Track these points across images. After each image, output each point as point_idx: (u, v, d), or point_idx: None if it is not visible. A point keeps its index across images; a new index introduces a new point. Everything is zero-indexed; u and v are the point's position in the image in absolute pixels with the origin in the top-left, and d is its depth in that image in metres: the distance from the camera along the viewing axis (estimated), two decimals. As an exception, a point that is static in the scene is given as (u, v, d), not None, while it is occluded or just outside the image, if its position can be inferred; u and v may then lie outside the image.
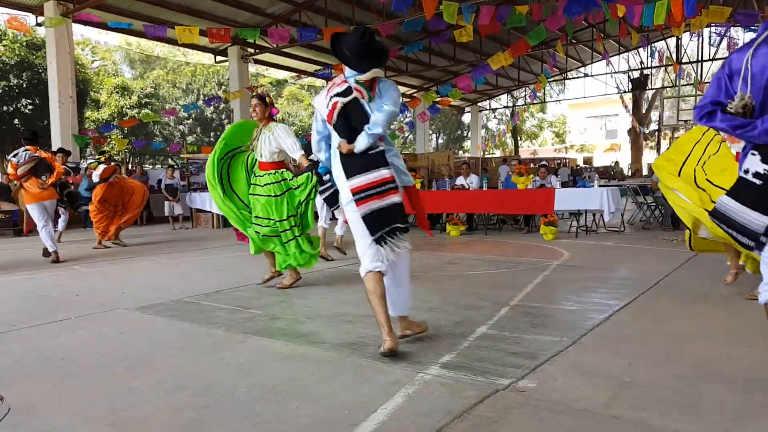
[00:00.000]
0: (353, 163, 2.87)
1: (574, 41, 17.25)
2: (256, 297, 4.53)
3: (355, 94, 2.90)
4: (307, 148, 4.15)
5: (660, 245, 7.42)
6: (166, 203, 12.82)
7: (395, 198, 2.86)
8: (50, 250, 6.98)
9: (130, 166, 19.08)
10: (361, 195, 2.84)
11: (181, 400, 2.38)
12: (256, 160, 4.78)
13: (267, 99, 4.75)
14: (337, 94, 2.92)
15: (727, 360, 2.77)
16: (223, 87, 26.49)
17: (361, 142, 2.84)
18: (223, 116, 27.88)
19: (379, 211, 2.84)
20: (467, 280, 5.16)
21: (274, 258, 4.84)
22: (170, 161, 24.41)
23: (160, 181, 13.45)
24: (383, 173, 2.84)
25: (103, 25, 12.10)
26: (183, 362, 2.91)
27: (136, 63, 30.98)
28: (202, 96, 27.61)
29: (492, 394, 2.36)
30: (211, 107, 27.19)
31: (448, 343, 3.13)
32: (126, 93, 23.64)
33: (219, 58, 17.13)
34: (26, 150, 6.85)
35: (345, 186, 2.93)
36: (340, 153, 2.92)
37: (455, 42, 16.36)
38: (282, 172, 4.71)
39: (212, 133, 28.42)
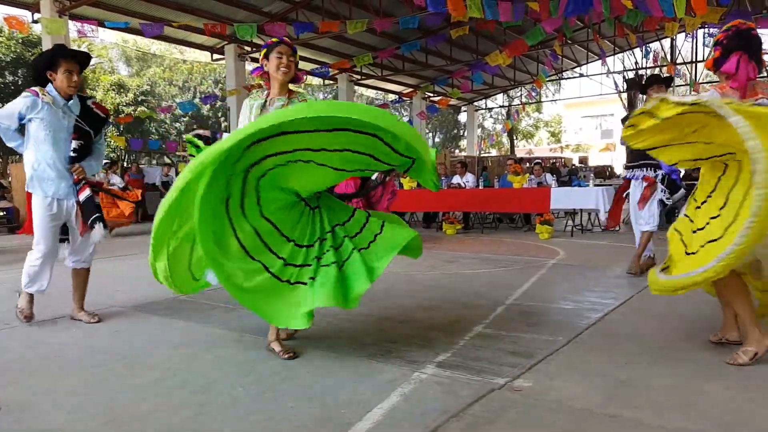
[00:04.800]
0: None
1: (569, 41, 17.27)
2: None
3: None
4: None
5: (655, 245, 7.43)
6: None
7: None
8: None
9: (125, 164, 19.03)
10: None
11: (179, 398, 2.38)
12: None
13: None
14: None
15: (722, 358, 2.78)
16: (220, 85, 26.43)
17: None
18: (220, 114, 27.81)
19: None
20: (463, 279, 5.17)
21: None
22: (166, 159, 24.36)
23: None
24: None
25: (100, 24, 12.02)
26: (180, 360, 2.91)
27: (132, 60, 30.88)
28: (198, 94, 27.53)
29: (488, 393, 2.37)
30: (208, 105, 27.12)
31: (445, 342, 3.13)
32: (122, 90, 23.56)
33: (216, 56, 17.09)
34: None
35: None
36: None
37: (452, 41, 16.38)
38: None
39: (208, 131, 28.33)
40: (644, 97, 5.32)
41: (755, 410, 2.18)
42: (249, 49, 16.17)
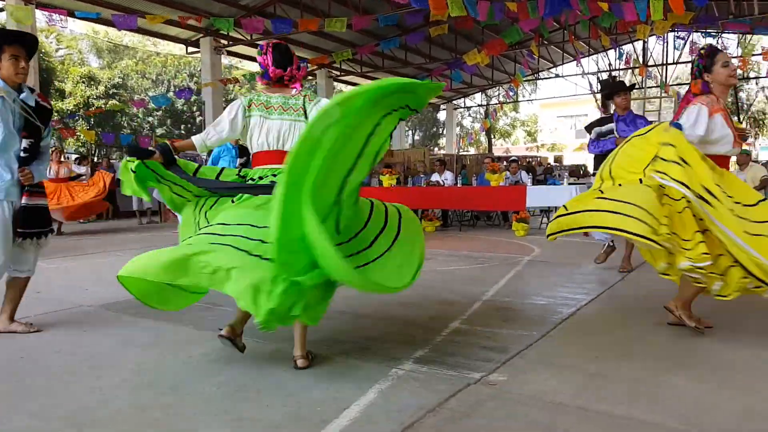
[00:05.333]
0: None
1: (546, 42, 17.47)
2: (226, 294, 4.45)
3: None
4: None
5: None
6: (134, 196, 12.55)
7: None
8: None
9: (95, 159, 18.62)
10: None
11: (148, 399, 2.33)
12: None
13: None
14: None
15: (690, 351, 2.86)
16: (195, 78, 26.04)
17: None
18: (195, 108, 27.42)
19: None
20: (441, 276, 5.20)
21: None
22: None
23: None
24: None
25: (69, 14, 11.70)
26: (149, 360, 2.85)
27: (103, 52, 30.19)
28: (173, 87, 27.08)
29: (464, 388, 2.39)
30: (182, 99, 26.71)
31: (422, 338, 3.14)
32: (93, 83, 23.05)
33: (191, 49, 16.83)
34: None
35: None
36: None
37: (431, 40, 16.43)
38: None
39: (183, 126, 27.92)
40: (610, 102, 5.43)
41: (717, 402, 2.24)
42: (225, 42, 15.97)
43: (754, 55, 17.25)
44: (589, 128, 5.44)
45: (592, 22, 13.63)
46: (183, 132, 27.06)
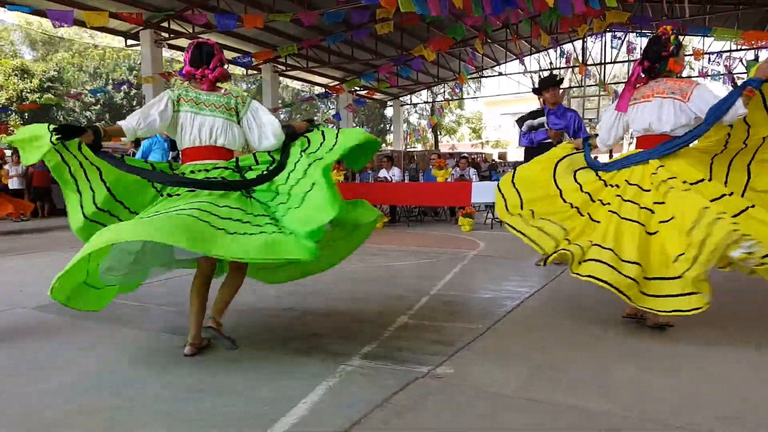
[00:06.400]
0: None
1: (489, 40, 17.81)
2: (168, 292, 4.34)
3: None
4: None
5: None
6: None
7: None
8: None
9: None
10: None
11: (94, 402, 2.25)
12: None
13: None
14: None
15: (634, 341, 2.99)
16: (135, 72, 25.11)
17: None
18: (134, 102, 26.44)
19: None
20: (389, 271, 5.23)
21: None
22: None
23: None
24: None
25: (0, 4, 11.02)
26: (92, 362, 2.75)
27: (37, 44, 28.65)
28: (111, 81, 26.01)
29: (411, 382, 2.41)
30: (122, 93, 25.71)
31: (370, 333, 3.15)
32: (26, 76, 21.87)
33: (130, 41, 16.20)
34: None
35: None
36: None
37: (377, 36, 16.45)
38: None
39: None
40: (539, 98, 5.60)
41: (660, 390, 2.35)
42: (166, 35, 15.47)
43: (686, 54, 18.17)
44: (520, 122, 5.60)
45: (533, 21, 14.01)
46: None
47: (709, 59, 18.30)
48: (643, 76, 3.25)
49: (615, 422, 2.04)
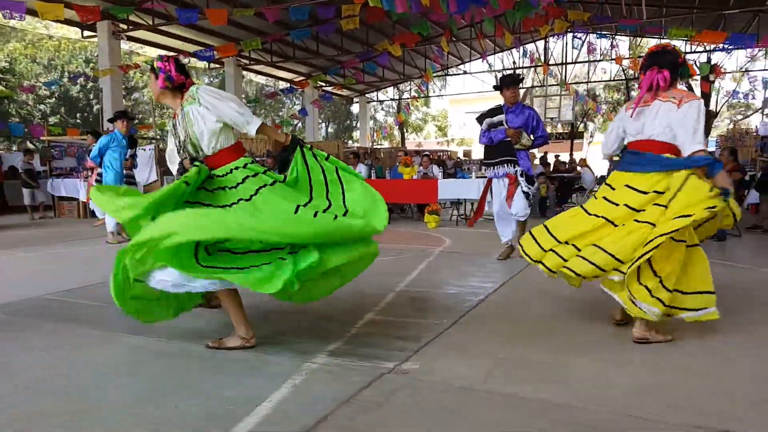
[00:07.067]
0: None
1: (454, 39, 17.95)
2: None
3: None
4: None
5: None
6: (25, 191, 11.57)
7: None
8: None
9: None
10: None
11: (55, 405, 2.19)
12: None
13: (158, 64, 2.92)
14: None
15: (589, 334, 3.07)
16: (92, 64, 24.34)
17: None
18: (92, 96, 25.63)
19: None
20: (354, 269, 5.22)
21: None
22: (29, 144, 22.05)
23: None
24: None
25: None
26: (51, 364, 2.66)
27: (-14, 33, 27.47)
28: (67, 73, 25.14)
29: (377, 378, 2.42)
30: (78, 86, 24.88)
31: (336, 331, 3.15)
32: (-26, 67, 20.91)
33: (87, 33, 15.67)
34: None
35: None
36: None
37: (343, 32, 16.37)
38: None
39: (78, 114, 26.03)
40: (520, 95, 5.66)
41: (616, 380, 2.43)
42: (125, 27, 15.02)
43: (641, 56, 18.72)
44: (480, 119, 5.60)
45: (497, 20, 14.19)
46: (78, 120, 25.22)
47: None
48: (662, 84, 3.07)
49: (574, 413, 2.10)
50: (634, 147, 3.15)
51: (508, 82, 5.38)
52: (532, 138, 5.37)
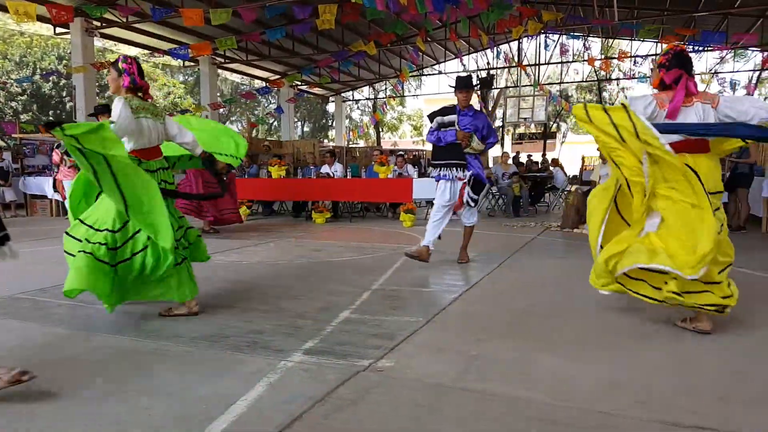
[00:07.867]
0: None
1: (429, 39, 18.04)
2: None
3: None
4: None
5: (503, 231, 8.14)
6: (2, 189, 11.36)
7: None
8: None
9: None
10: None
11: (17, 408, 2.15)
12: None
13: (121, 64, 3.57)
14: None
15: (557, 331, 3.14)
16: (65, 61, 23.83)
17: None
18: (64, 93, 25.08)
19: None
20: (332, 267, 5.23)
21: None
22: (1, 141, 21.48)
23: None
24: None
25: None
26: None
27: (-47, 29, 26.62)
28: (39, 70, 24.55)
29: (353, 376, 2.45)
30: (50, 83, 24.33)
31: (312, 329, 3.16)
32: (-60, 63, 20.24)
33: (59, 29, 15.33)
34: None
35: None
36: None
37: (318, 31, 16.33)
38: None
39: (51, 111, 25.45)
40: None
41: (583, 376, 2.49)
42: (98, 24, 14.75)
43: (611, 57, 19.04)
44: (431, 116, 5.39)
45: (471, 21, 14.32)
46: (51, 117, 24.62)
47: (635, 61, 19.27)
48: (694, 91, 3.14)
49: (545, 409, 2.15)
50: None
51: (461, 85, 5.17)
52: (482, 143, 5.18)
